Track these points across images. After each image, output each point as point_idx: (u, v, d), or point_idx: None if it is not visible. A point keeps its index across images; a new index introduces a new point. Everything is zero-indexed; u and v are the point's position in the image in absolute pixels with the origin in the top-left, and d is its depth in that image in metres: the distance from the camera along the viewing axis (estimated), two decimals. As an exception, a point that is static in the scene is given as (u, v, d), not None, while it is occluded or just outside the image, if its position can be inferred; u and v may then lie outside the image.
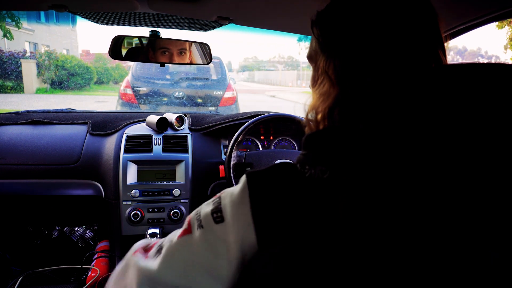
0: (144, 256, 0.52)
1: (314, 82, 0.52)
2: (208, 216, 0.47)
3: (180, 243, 0.48)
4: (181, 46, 1.33)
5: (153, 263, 0.49)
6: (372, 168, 0.37)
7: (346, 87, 0.46)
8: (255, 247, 0.43)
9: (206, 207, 0.49)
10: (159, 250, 0.50)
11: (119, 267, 0.58)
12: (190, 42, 1.33)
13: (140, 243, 0.57)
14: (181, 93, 4.83)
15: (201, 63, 1.40)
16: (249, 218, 0.43)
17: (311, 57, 0.54)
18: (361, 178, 0.38)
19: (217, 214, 0.46)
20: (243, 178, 0.47)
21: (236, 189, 0.47)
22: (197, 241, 0.47)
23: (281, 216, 0.43)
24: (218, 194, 0.50)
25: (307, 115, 0.52)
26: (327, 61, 0.48)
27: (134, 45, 1.33)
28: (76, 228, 1.82)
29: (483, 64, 0.34)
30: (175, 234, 0.50)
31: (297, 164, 0.47)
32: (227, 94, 4.79)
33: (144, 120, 1.60)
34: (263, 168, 0.48)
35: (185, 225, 0.50)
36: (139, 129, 1.55)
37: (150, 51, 1.33)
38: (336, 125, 0.46)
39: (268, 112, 1.50)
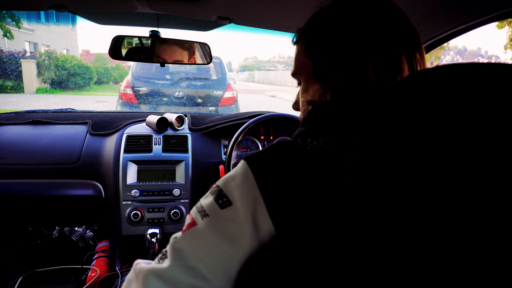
0: (147, 264, 0.50)
1: (305, 91, 0.57)
2: (212, 205, 0.47)
3: (187, 236, 0.48)
4: (181, 46, 1.33)
5: (160, 265, 0.47)
6: (371, 141, 0.38)
7: (340, 86, 0.50)
8: (269, 221, 0.44)
9: (205, 199, 0.50)
10: (163, 255, 0.49)
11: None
12: (190, 42, 1.33)
13: (142, 261, 0.55)
14: (181, 93, 4.83)
15: (201, 63, 1.40)
16: (257, 193, 0.45)
17: (298, 71, 0.58)
18: (361, 148, 0.40)
19: (223, 200, 0.47)
20: (242, 163, 0.49)
21: (235, 173, 0.48)
22: (205, 229, 0.46)
23: (286, 185, 0.44)
24: (213, 186, 0.51)
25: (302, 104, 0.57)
26: (326, 63, 0.52)
27: (134, 45, 1.33)
28: (76, 228, 1.82)
29: (482, 64, 0.34)
30: (177, 233, 0.50)
31: (297, 139, 0.49)
32: (227, 94, 4.79)
33: (144, 120, 1.60)
34: (261, 150, 0.50)
35: (187, 221, 0.50)
36: (139, 129, 1.55)
37: (150, 51, 1.33)
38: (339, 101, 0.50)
39: (268, 112, 1.50)
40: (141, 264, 0.49)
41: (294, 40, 0.58)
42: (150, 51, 1.34)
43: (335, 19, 0.52)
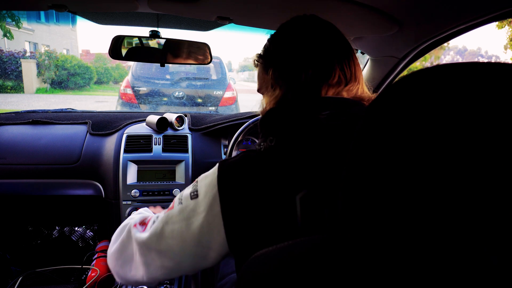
0: (142, 230, 0.66)
1: (267, 96, 0.71)
2: (187, 195, 0.61)
3: (165, 217, 0.63)
4: (181, 46, 1.33)
5: (145, 234, 0.64)
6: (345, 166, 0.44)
7: (286, 87, 0.64)
8: (220, 216, 0.55)
9: (187, 190, 0.63)
10: (154, 223, 0.64)
11: (120, 238, 0.71)
12: (190, 42, 1.33)
13: (138, 218, 0.71)
14: (181, 93, 4.83)
15: (201, 63, 1.40)
16: (216, 192, 0.56)
17: (260, 87, 0.73)
18: (359, 147, 0.43)
19: (194, 193, 0.60)
20: (216, 165, 0.60)
21: (209, 172, 0.61)
22: (176, 214, 0.61)
23: (242, 185, 0.54)
24: (196, 180, 0.63)
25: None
26: (274, 73, 0.66)
27: (134, 45, 1.33)
28: (76, 228, 1.82)
29: (482, 63, 0.34)
30: (164, 211, 0.65)
31: (256, 146, 0.61)
32: (227, 94, 4.79)
33: (144, 120, 1.60)
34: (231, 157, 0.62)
35: (171, 205, 0.64)
36: (139, 129, 1.55)
37: (150, 51, 1.33)
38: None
39: (268, 112, 1.50)
40: (136, 229, 0.67)
41: (255, 63, 0.73)
42: (150, 51, 1.34)
43: (278, 41, 0.67)
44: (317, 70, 0.62)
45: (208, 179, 0.59)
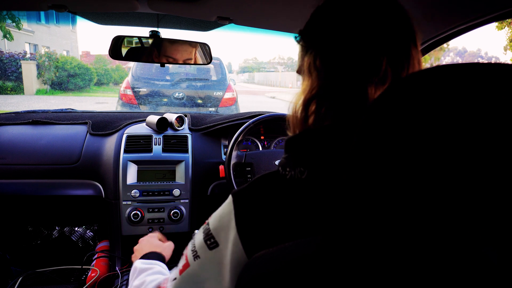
0: None
1: (302, 86, 0.57)
2: (202, 245, 0.51)
3: (183, 278, 0.53)
4: (181, 46, 1.34)
5: None
6: (347, 168, 0.39)
7: (327, 80, 0.51)
8: (244, 256, 0.46)
9: (198, 236, 0.53)
10: None
11: None
12: (190, 42, 1.34)
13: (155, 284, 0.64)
14: (181, 94, 4.83)
15: (201, 63, 1.40)
16: (236, 237, 0.46)
17: (300, 70, 0.58)
18: (337, 178, 0.42)
19: (210, 241, 0.50)
20: (229, 200, 0.50)
21: (223, 212, 0.50)
22: (197, 271, 0.51)
23: (264, 224, 0.46)
24: (206, 221, 0.54)
25: (291, 112, 0.56)
26: (314, 58, 0.52)
27: (134, 45, 1.34)
28: (76, 228, 1.82)
29: (482, 64, 0.34)
30: (177, 271, 0.55)
31: (279, 168, 0.50)
32: (227, 95, 4.79)
33: (144, 120, 1.60)
34: (247, 184, 0.51)
35: (183, 260, 0.54)
36: (139, 129, 1.56)
37: (150, 51, 1.33)
38: (311, 120, 0.51)
39: (268, 112, 1.51)
40: None
41: (298, 39, 0.58)
42: (150, 51, 1.34)
43: (327, 18, 0.52)
44: (362, 61, 0.48)
45: (224, 219, 0.49)
